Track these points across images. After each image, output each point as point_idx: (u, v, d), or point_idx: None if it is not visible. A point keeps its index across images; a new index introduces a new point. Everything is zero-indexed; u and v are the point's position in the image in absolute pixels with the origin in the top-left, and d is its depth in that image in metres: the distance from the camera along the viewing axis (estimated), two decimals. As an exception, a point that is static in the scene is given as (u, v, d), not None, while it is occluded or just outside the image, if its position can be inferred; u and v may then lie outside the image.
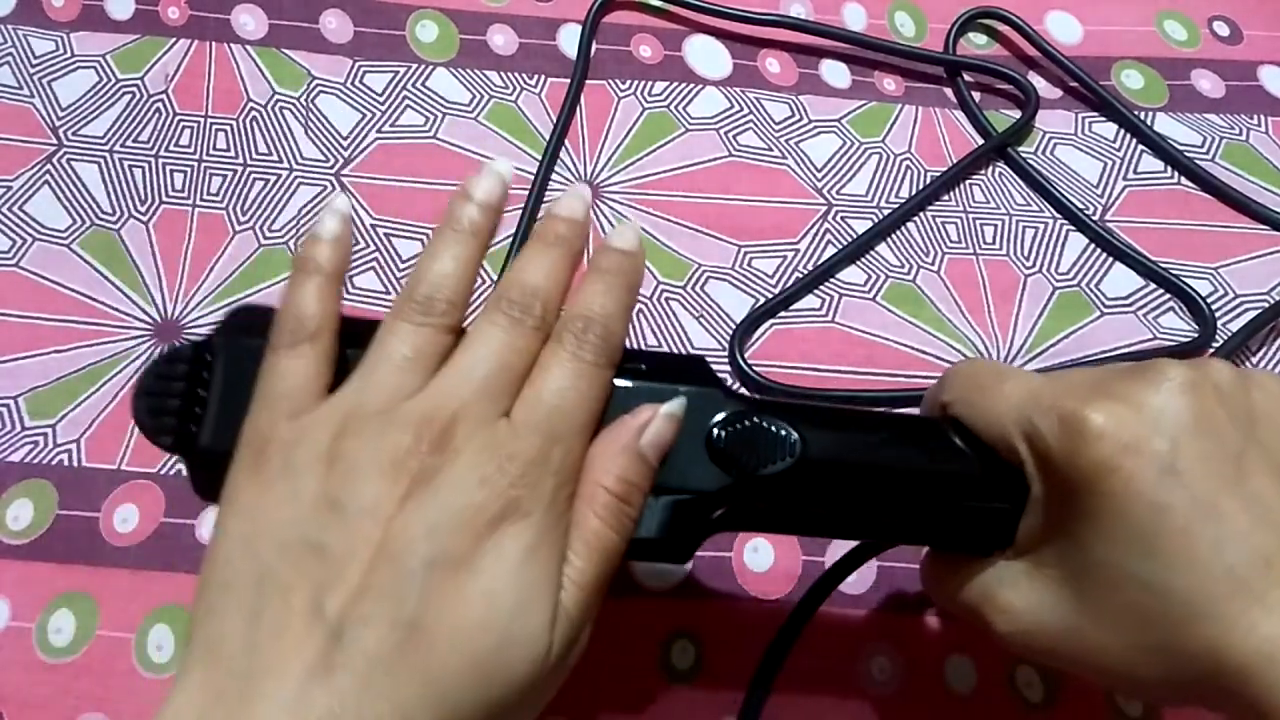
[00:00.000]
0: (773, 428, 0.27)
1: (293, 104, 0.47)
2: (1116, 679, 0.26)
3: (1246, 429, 0.25)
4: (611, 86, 0.49)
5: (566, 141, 0.47)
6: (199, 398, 0.26)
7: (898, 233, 0.47)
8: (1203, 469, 0.24)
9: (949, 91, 0.51)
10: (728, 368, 0.42)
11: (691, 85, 0.50)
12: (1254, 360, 0.44)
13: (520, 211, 0.45)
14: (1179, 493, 0.24)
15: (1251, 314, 0.45)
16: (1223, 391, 0.25)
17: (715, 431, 0.27)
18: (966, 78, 0.51)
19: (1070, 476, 0.25)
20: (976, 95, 0.51)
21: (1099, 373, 0.27)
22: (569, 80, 0.49)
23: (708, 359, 0.37)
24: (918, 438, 0.30)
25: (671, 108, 0.49)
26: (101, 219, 0.43)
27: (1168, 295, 0.46)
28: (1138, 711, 0.36)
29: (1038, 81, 0.52)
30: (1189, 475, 0.24)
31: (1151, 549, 0.24)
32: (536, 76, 0.49)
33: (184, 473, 0.29)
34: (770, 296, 0.44)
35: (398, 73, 0.48)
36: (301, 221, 0.44)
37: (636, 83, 0.49)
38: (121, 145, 0.45)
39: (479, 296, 0.43)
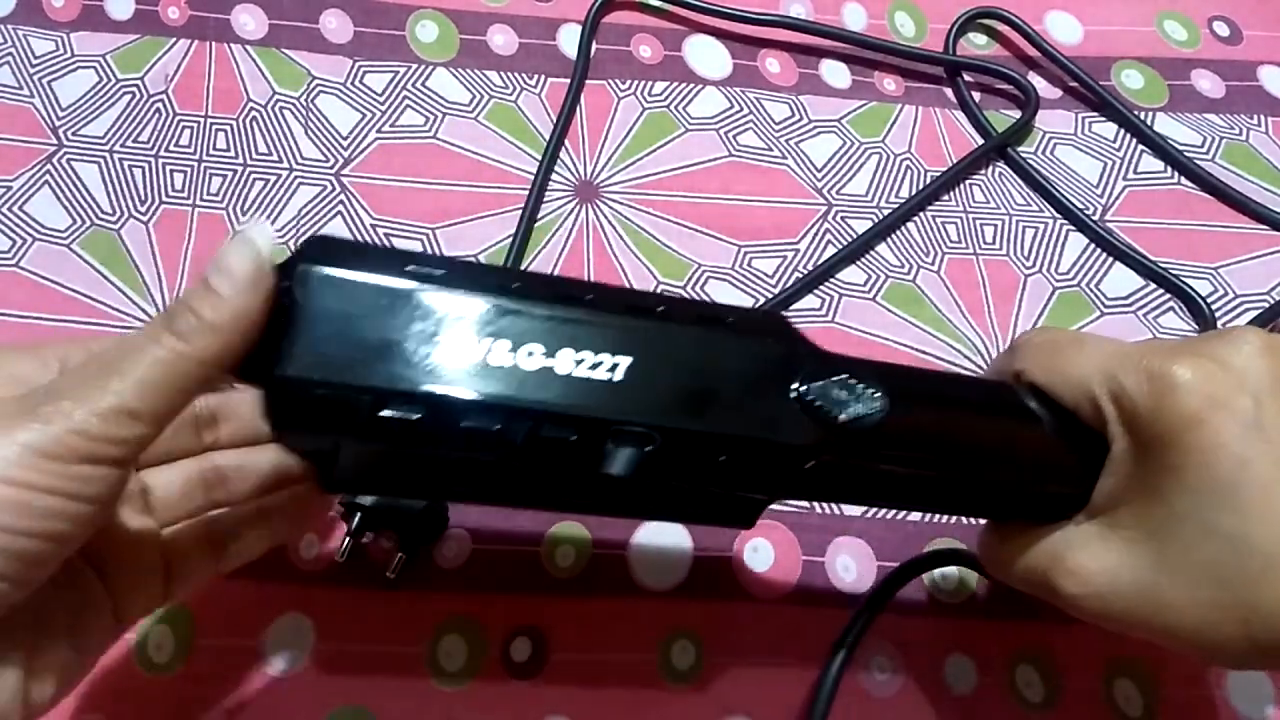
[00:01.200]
0: (860, 384, 0.27)
1: (293, 104, 0.47)
2: (1194, 641, 0.26)
3: None
4: (611, 86, 0.49)
5: (566, 141, 0.47)
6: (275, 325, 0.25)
7: (898, 233, 0.47)
8: None
9: (949, 91, 0.51)
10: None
11: (691, 85, 0.50)
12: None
13: (520, 212, 0.45)
14: (1262, 448, 0.24)
15: (1251, 314, 0.45)
16: None
17: (802, 386, 0.27)
18: (966, 78, 0.51)
19: (1157, 431, 0.25)
20: (976, 95, 0.51)
21: (1177, 340, 0.27)
22: (569, 80, 0.49)
23: None
24: (1000, 400, 0.30)
25: (671, 108, 0.49)
26: (101, 219, 0.43)
27: (1168, 295, 0.46)
28: (1138, 711, 0.36)
29: (1038, 81, 0.52)
30: (1273, 432, 0.24)
31: (1234, 502, 0.24)
32: (536, 76, 0.49)
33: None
34: (770, 296, 0.44)
35: (398, 73, 0.48)
36: (301, 221, 0.44)
37: (636, 83, 0.50)
38: (121, 145, 0.45)
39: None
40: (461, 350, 0.25)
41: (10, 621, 0.23)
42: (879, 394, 0.27)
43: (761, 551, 0.38)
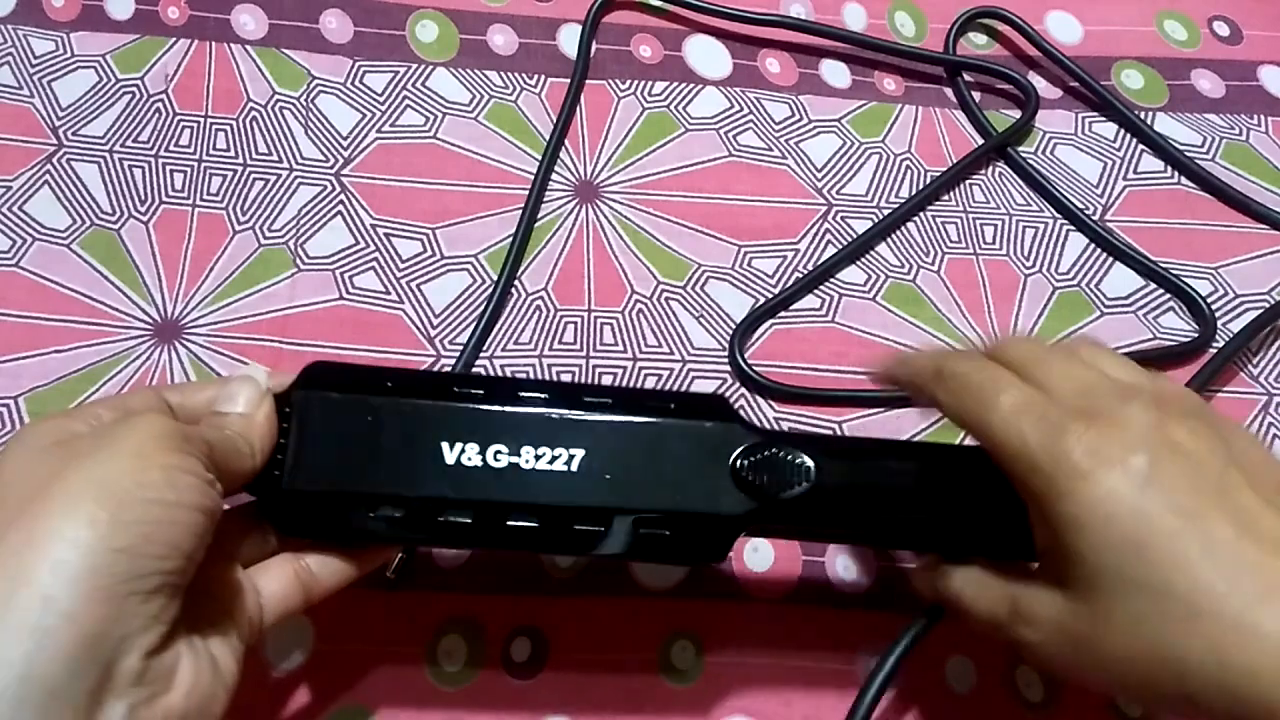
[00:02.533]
0: (789, 456, 0.30)
1: (293, 104, 0.47)
2: (1139, 696, 0.26)
3: (1224, 454, 0.25)
4: (611, 86, 0.49)
5: (566, 141, 0.47)
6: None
7: (898, 233, 0.47)
8: (1184, 483, 0.24)
9: (949, 91, 0.51)
10: (727, 368, 0.42)
11: (691, 85, 0.50)
12: (1254, 361, 0.44)
13: (520, 211, 0.45)
14: (1161, 500, 0.24)
15: (1251, 314, 0.45)
16: (1196, 417, 0.26)
17: (738, 462, 0.30)
18: (966, 78, 0.51)
19: (1056, 487, 0.25)
20: (976, 95, 0.51)
21: (1086, 386, 0.27)
22: (569, 80, 0.49)
23: (712, 354, 0.39)
24: (928, 460, 0.32)
25: (671, 108, 0.49)
26: (101, 219, 0.43)
27: (1168, 295, 0.46)
28: (1138, 711, 0.36)
29: (1038, 81, 0.52)
30: (1170, 487, 0.24)
31: (1144, 555, 0.24)
32: (536, 76, 0.49)
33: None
34: (770, 296, 0.44)
35: (398, 73, 0.48)
36: (302, 221, 0.44)
37: (636, 83, 0.50)
38: (121, 145, 0.45)
39: (472, 304, 0.43)
40: (438, 456, 0.29)
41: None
42: (808, 465, 0.30)
43: (761, 551, 0.38)
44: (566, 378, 0.41)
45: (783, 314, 0.44)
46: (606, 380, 0.41)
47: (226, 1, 0.49)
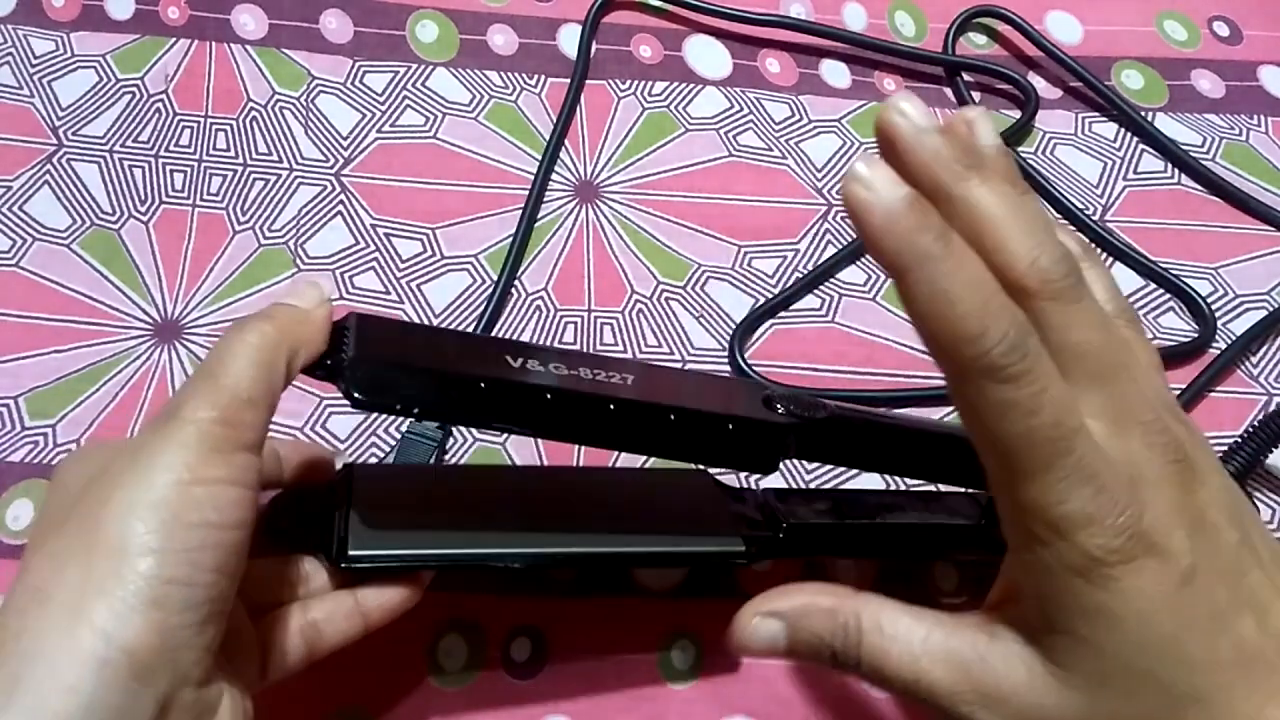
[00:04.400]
0: (808, 398, 0.31)
1: (293, 104, 0.47)
2: None
3: (1235, 517, 0.23)
4: (611, 86, 0.49)
5: (566, 141, 0.47)
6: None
7: (898, 233, 0.46)
8: (1215, 570, 0.22)
9: (949, 91, 0.51)
10: (727, 368, 0.42)
11: (691, 85, 0.50)
12: (1254, 361, 0.44)
13: (520, 212, 0.45)
14: (1200, 599, 0.21)
15: (1251, 313, 0.45)
16: (1201, 452, 0.23)
17: (766, 397, 0.31)
18: (966, 78, 0.51)
19: (1091, 572, 0.21)
20: (976, 95, 0.51)
21: (1133, 419, 0.22)
22: (569, 80, 0.49)
23: (712, 354, 0.41)
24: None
25: (671, 108, 0.49)
26: (101, 219, 0.43)
27: (1168, 295, 0.46)
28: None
29: (1037, 82, 0.52)
30: (1207, 580, 0.21)
31: (1178, 654, 0.21)
32: (536, 76, 0.49)
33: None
34: (770, 296, 0.44)
35: (398, 73, 0.48)
36: (302, 221, 0.44)
37: (636, 83, 0.50)
38: (121, 145, 0.45)
39: (471, 304, 0.43)
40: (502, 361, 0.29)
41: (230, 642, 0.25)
42: (824, 402, 0.31)
43: (761, 551, 0.38)
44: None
45: (783, 314, 0.44)
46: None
47: (226, 1, 0.49)
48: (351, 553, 0.30)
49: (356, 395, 0.27)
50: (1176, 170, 0.49)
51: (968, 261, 0.20)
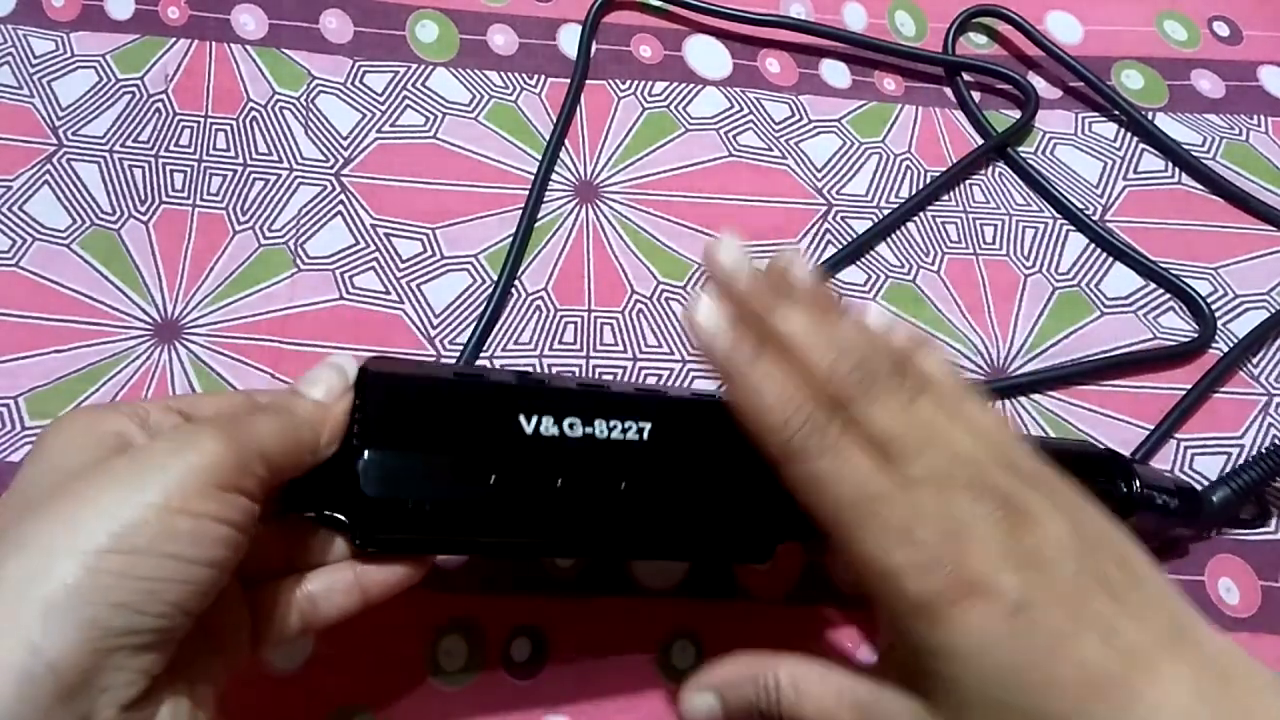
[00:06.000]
0: None
1: (293, 104, 0.47)
2: None
3: (1073, 544, 0.24)
4: (611, 86, 0.49)
5: (566, 141, 0.47)
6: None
7: (898, 233, 0.47)
8: (1049, 596, 0.24)
9: (949, 91, 0.51)
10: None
11: (691, 85, 0.50)
12: (1254, 361, 0.44)
13: (520, 212, 0.45)
14: (1033, 625, 0.23)
15: (1251, 313, 0.45)
16: (1038, 490, 0.25)
17: None
18: (966, 78, 0.51)
19: (928, 616, 0.24)
20: (976, 95, 0.51)
21: (942, 477, 0.25)
22: (569, 80, 0.49)
23: None
24: None
25: (671, 108, 0.49)
26: (101, 219, 0.43)
27: (1168, 295, 0.46)
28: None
29: (1038, 81, 0.52)
30: (1039, 606, 0.23)
31: (1020, 679, 0.23)
32: (536, 76, 0.49)
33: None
34: (770, 296, 0.44)
35: (398, 73, 0.48)
36: (302, 221, 0.44)
37: (636, 83, 0.49)
38: (121, 145, 0.45)
39: (471, 304, 0.43)
40: (514, 426, 0.28)
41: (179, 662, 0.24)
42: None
43: (761, 551, 0.38)
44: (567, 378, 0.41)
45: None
46: (607, 380, 0.41)
47: (226, 1, 0.49)
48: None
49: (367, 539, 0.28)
50: (1177, 170, 0.49)
51: (774, 371, 0.25)
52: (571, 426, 0.29)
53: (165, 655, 0.23)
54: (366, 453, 0.27)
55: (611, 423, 0.29)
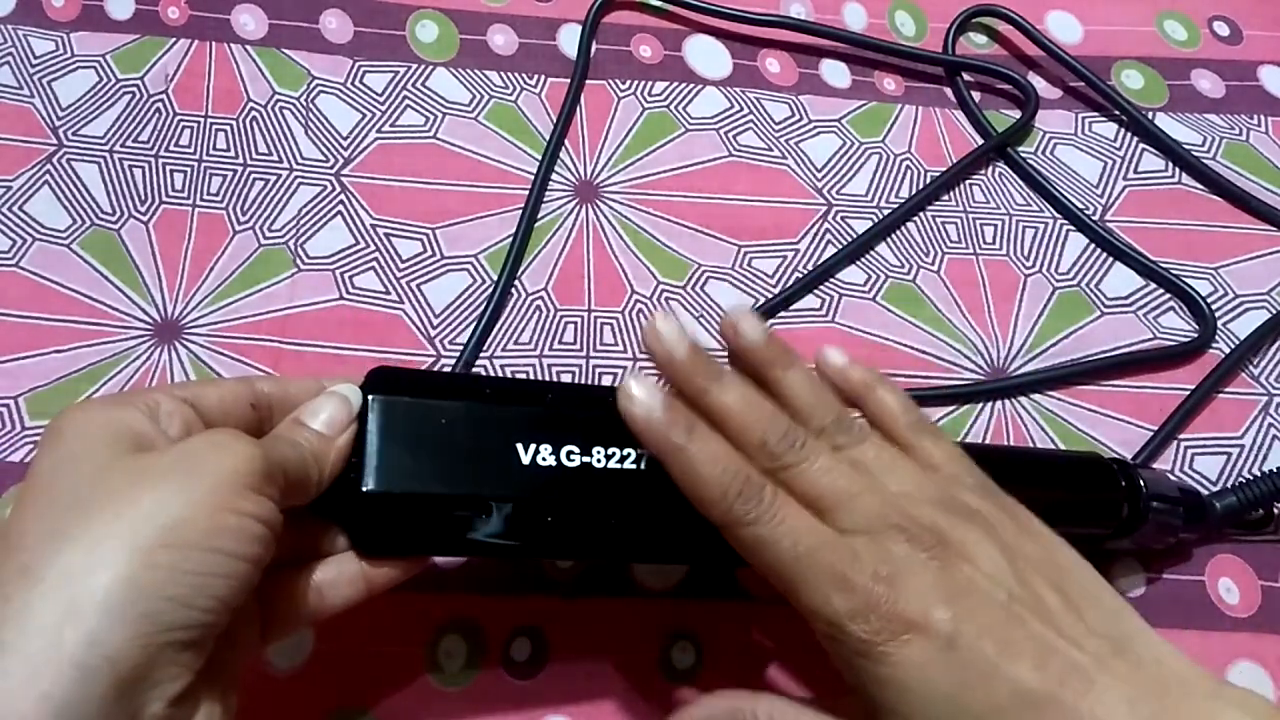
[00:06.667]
0: None
1: (293, 104, 0.47)
2: None
3: (1007, 568, 0.26)
4: (611, 86, 0.49)
5: (566, 141, 0.47)
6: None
7: (898, 233, 0.47)
8: (983, 624, 0.25)
9: (949, 91, 0.51)
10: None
11: (691, 85, 0.50)
12: (1254, 361, 0.44)
13: (520, 211, 0.45)
14: (968, 654, 0.25)
15: (1251, 313, 0.45)
16: (971, 523, 0.27)
17: None
18: (966, 78, 0.51)
19: (870, 655, 0.25)
20: (976, 95, 0.51)
21: (873, 520, 0.27)
22: (569, 80, 0.49)
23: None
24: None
25: (671, 108, 0.49)
26: (101, 219, 0.43)
27: (1168, 295, 0.46)
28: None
29: (1038, 81, 0.52)
30: (973, 636, 0.25)
31: (961, 704, 0.25)
32: (536, 76, 0.49)
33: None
34: (770, 296, 0.44)
35: (398, 73, 0.48)
36: (302, 221, 0.44)
37: (636, 83, 0.49)
38: (121, 145, 0.45)
39: (471, 304, 0.43)
40: (512, 455, 0.29)
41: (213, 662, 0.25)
42: None
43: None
44: (566, 378, 0.41)
45: (783, 314, 0.44)
46: (606, 381, 0.41)
47: (226, 1, 0.49)
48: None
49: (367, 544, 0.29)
50: (1177, 170, 0.49)
51: (708, 446, 0.27)
52: (570, 456, 0.30)
53: (205, 652, 0.24)
54: (366, 486, 0.28)
55: (609, 450, 0.30)
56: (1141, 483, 0.36)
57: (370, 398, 0.29)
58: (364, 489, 0.28)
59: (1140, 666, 0.25)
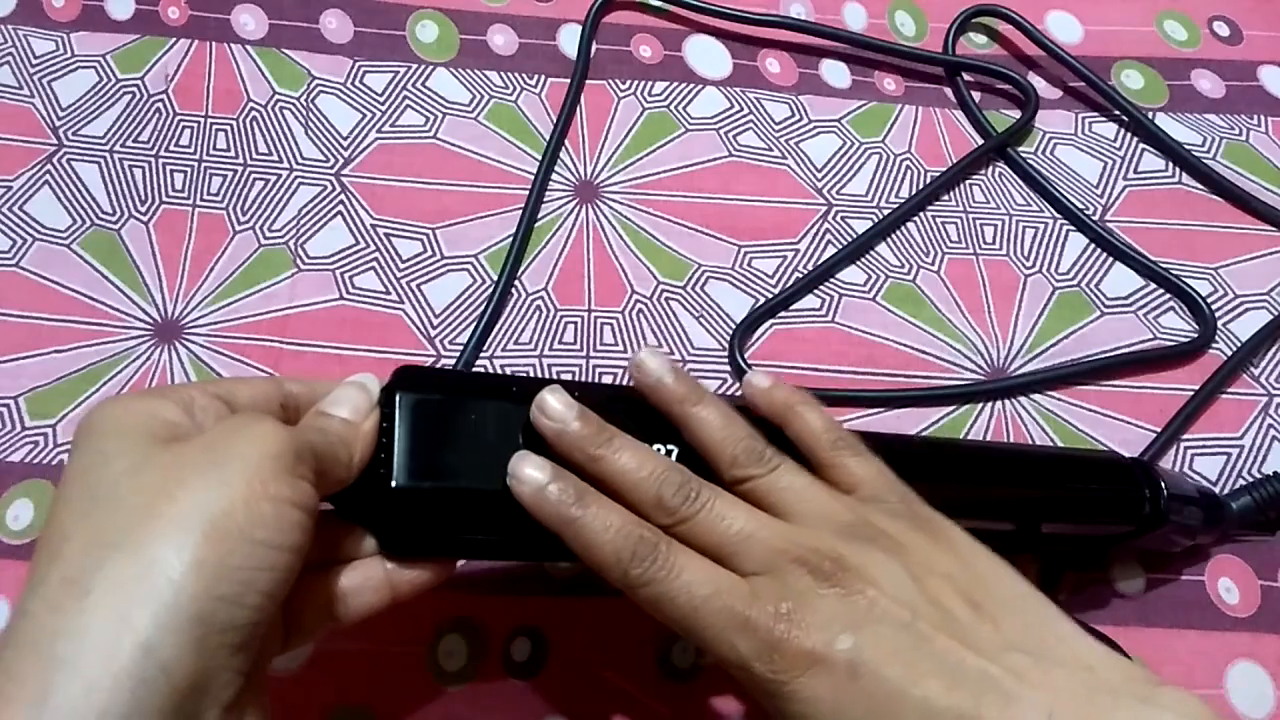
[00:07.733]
0: None
1: (293, 104, 0.47)
2: None
3: (909, 587, 0.26)
4: (611, 86, 0.49)
5: (566, 141, 0.47)
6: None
7: (898, 233, 0.47)
8: (887, 649, 0.25)
9: (949, 91, 0.51)
10: (728, 368, 0.42)
11: (691, 85, 0.50)
12: (1255, 362, 0.44)
13: (520, 212, 0.45)
14: (874, 681, 0.25)
15: (1251, 313, 0.45)
16: (871, 545, 0.27)
17: None
18: (966, 78, 0.51)
19: (781, 693, 0.25)
20: (976, 95, 0.51)
21: (771, 559, 0.27)
22: (569, 80, 0.49)
23: (712, 354, 0.40)
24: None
25: (671, 108, 0.49)
26: (101, 219, 0.43)
27: (1168, 295, 0.46)
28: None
29: (1038, 81, 0.52)
30: (878, 663, 0.25)
31: None
32: (536, 76, 0.49)
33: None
34: (770, 296, 0.44)
35: (398, 73, 0.48)
36: (302, 221, 0.44)
37: (636, 83, 0.49)
38: (121, 145, 0.45)
39: (472, 304, 0.43)
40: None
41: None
42: None
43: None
44: (567, 378, 0.41)
45: (783, 314, 0.44)
46: (606, 381, 0.41)
47: (226, 1, 0.49)
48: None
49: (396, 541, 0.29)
50: (1177, 170, 0.49)
51: (600, 514, 0.27)
52: None
53: (252, 655, 0.23)
54: (395, 481, 0.28)
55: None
56: (1162, 483, 0.36)
57: (398, 395, 0.29)
58: (393, 484, 0.28)
59: (1063, 673, 0.25)
